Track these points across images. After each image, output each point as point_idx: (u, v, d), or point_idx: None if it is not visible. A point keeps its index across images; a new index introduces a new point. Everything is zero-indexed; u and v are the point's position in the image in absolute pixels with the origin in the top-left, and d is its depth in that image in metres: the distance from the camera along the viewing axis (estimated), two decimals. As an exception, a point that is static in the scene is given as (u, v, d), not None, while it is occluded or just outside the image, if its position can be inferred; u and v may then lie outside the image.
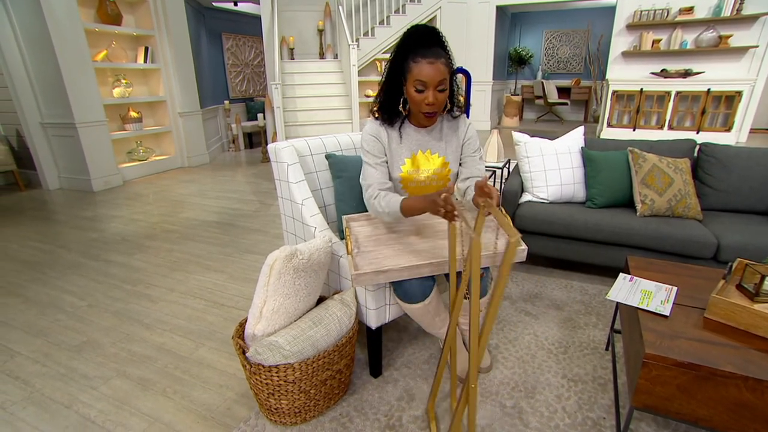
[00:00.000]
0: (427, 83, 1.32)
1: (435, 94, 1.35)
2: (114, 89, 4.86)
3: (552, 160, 2.38)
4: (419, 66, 1.31)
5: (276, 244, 2.99)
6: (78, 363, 1.76)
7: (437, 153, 1.53)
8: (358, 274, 1.23)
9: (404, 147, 1.50)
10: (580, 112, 9.71)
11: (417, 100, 1.37)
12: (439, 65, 1.31)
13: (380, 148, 1.48)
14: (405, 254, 1.37)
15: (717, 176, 2.31)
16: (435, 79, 1.32)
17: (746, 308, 1.17)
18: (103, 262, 2.75)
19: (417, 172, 1.52)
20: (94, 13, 4.60)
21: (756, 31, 5.70)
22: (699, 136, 6.06)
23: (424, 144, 1.52)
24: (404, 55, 1.35)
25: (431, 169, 1.52)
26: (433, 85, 1.33)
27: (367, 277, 1.25)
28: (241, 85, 7.53)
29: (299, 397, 1.35)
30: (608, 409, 1.46)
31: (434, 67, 1.31)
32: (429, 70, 1.30)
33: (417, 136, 1.51)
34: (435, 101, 1.36)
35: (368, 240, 1.48)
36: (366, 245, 1.44)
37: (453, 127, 1.55)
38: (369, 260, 1.34)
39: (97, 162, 4.52)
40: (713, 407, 1.07)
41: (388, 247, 1.42)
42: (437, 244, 1.42)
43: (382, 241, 1.47)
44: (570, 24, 9.32)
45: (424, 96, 1.35)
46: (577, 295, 2.22)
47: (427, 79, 1.31)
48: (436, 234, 1.51)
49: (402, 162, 1.50)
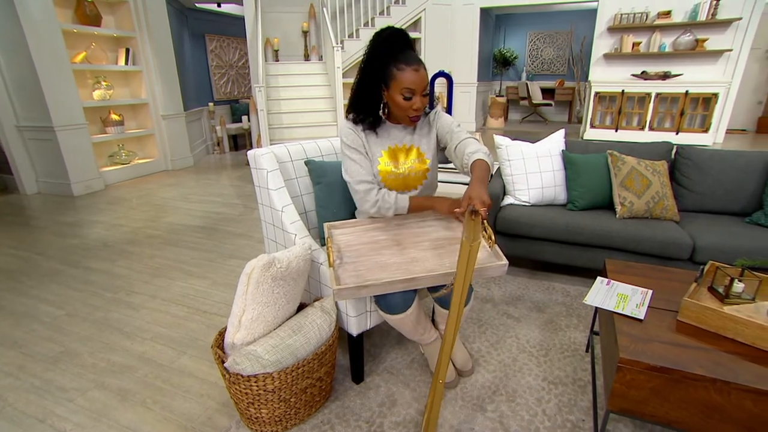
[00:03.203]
0: (415, 90, 1.38)
1: (422, 99, 1.41)
2: (94, 91, 4.77)
3: (533, 163, 2.41)
4: (405, 74, 1.35)
5: (260, 248, 2.97)
6: (54, 375, 1.72)
7: (412, 145, 1.55)
8: (339, 289, 1.22)
9: (380, 142, 1.53)
10: (564, 112, 9.84)
11: (404, 107, 1.41)
12: (422, 71, 1.37)
13: (360, 141, 1.50)
14: (387, 267, 1.35)
15: (693, 178, 2.36)
16: (421, 85, 1.38)
17: (716, 311, 1.20)
18: (83, 269, 2.69)
19: (396, 164, 1.53)
20: (71, 13, 4.50)
21: (730, 35, 5.87)
22: (678, 137, 6.20)
23: (399, 138, 1.54)
24: (384, 62, 1.37)
25: (408, 162, 1.54)
26: (420, 92, 1.39)
27: (349, 291, 1.24)
28: (226, 87, 7.46)
29: (279, 406, 1.35)
30: (587, 411, 1.48)
31: (419, 74, 1.36)
32: (416, 77, 1.36)
33: (392, 131, 1.54)
34: (422, 106, 1.42)
35: (350, 250, 1.46)
36: (348, 255, 1.43)
37: (425, 121, 1.58)
38: (351, 273, 1.32)
39: (77, 166, 4.43)
40: (685, 409, 1.10)
41: (369, 258, 1.41)
42: (420, 256, 1.40)
43: (363, 252, 1.45)
44: (553, 26, 9.44)
45: (412, 102, 1.39)
46: (559, 297, 2.24)
47: (415, 86, 1.37)
48: (417, 244, 1.48)
49: (379, 154, 1.52)
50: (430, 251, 1.42)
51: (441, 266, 1.32)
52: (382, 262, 1.38)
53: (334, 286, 1.22)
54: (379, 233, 1.56)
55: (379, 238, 1.53)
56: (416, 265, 1.35)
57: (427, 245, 1.46)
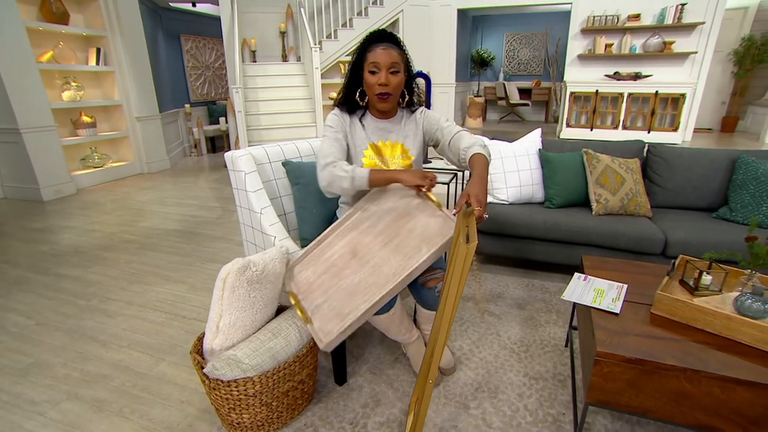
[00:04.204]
0: (380, 64, 1.40)
1: (387, 75, 1.41)
2: (63, 92, 4.61)
3: (511, 162, 2.45)
4: (373, 52, 1.41)
5: (239, 251, 2.93)
6: (23, 387, 1.65)
7: (397, 141, 1.56)
8: (327, 344, 1.24)
9: (365, 136, 1.53)
10: (540, 112, 10.04)
11: (371, 83, 1.44)
12: (392, 51, 1.41)
13: (342, 126, 1.51)
14: (357, 290, 1.32)
15: (664, 175, 2.44)
16: (387, 60, 1.40)
17: (687, 303, 1.24)
18: (54, 277, 2.60)
19: (382, 160, 1.53)
20: (36, 11, 4.34)
21: (695, 38, 6.13)
22: (650, 136, 6.41)
23: (384, 134, 1.55)
24: (363, 51, 1.44)
25: (394, 158, 1.55)
26: (386, 67, 1.40)
27: (337, 339, 1.25)
28: (202, 88, 7.32)
29: (261, 410, 1.33)
30: (567, 405, 1.51)
31: (386, 52, 1.40)
32: (382, 53, 1.40)
33: (377, 125, 1.55)
34: (388, 82, 1.42)
35: (314, 288, 1.41)
36: (316, 297, 1.38)
37: (412, 119, 1.59)
38: (328, 315, 1.30)
39: (46, 169, 4.27)
40: (658, 399, 1.13)
41: (336, 288, 1.36)
42: (379, 260, 1.36)
43: (326, 283, 1.39)
44: (529, 27, 9.62)
45: (377, 77, 1.42)
46: (539, 293, 2.29)
47: (380, 59, 1.40)
48: (370, 246, 1.42)
49: (364, 147, 1.52)
50: (386, 249, 1.38)
51: (406, 264, 1.30)
52: (349, 287, 1.34)
53: (321, 344, 1.23)
54: (331, 251, 1.48)
55: (333, 258, 1.46)
56: (381, 273, 1.32)
57: (380, 243, 1.40)
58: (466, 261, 0.98)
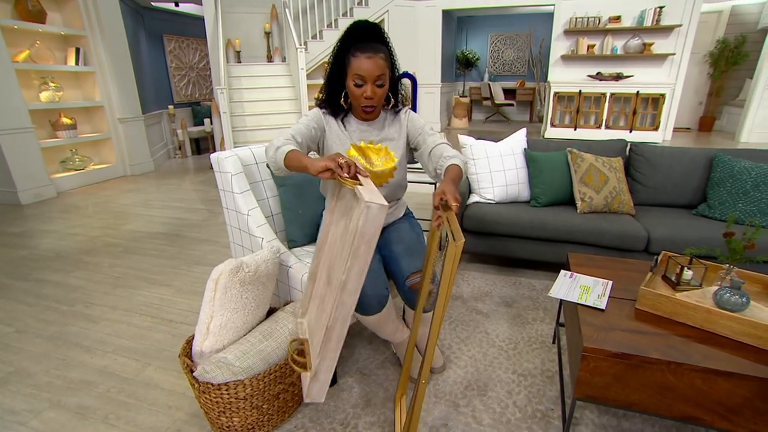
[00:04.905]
0: (366, 77, 1.33)
1: (373, 88, 1.36)
2: (41, 93, 4.49)
3: (497, 161, 2.48)
4: (358, 60, 1.32)
5: (226, 254, 2.90)
6: (3, 397, 1.61)
7: (380, 144, 1.52)
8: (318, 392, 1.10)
9: (347, 137, 1.49)
10: (525, 112, 10.16)
11: (356, 95, 1.38)
12: (378, 60, 1.32)
13: (319, 120, 1.46)
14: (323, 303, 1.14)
15: (646, 174, 2.49)
16: (373, 73, 1.32)
17: (669, 298, 1.27)
18: (34, 282, 2.53)
19: (368, 161, 1.49)
20: (11, 8, 4.22)
21: (673, 40, 6.30)
22: (632, 135, 6.55)
23: (366, 136, 1.51)
24: (345, 49, 1.36)
25: (378, 161, 1.51)
26: (372, 80, 1.34)
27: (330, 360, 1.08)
28: (186, 89, 7.22)
29: (252, 414, 1.32)
30: (555, 401, 1.54)
31: (372, 62, 1.31)
32: (367, 64, 1.31)
33: (360, 128, 1.51)
34: (373, 95, 1.36)
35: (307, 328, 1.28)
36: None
37: (396, 120, 1.55)
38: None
39: (24, 172, 4.16)
40: (644, 392, 1.16)
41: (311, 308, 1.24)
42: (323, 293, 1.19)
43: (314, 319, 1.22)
44: (513, 28, 9.73)
45: (363, 90, 1.35)
46: (526, 291, 2.31)
47: (366, 73, 1.32)
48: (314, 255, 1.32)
49: (347, 146, 1.48)
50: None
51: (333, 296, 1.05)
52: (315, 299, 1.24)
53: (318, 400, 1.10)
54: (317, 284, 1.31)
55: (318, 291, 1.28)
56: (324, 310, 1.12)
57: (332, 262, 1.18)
58: (455, 259, 0.95)
